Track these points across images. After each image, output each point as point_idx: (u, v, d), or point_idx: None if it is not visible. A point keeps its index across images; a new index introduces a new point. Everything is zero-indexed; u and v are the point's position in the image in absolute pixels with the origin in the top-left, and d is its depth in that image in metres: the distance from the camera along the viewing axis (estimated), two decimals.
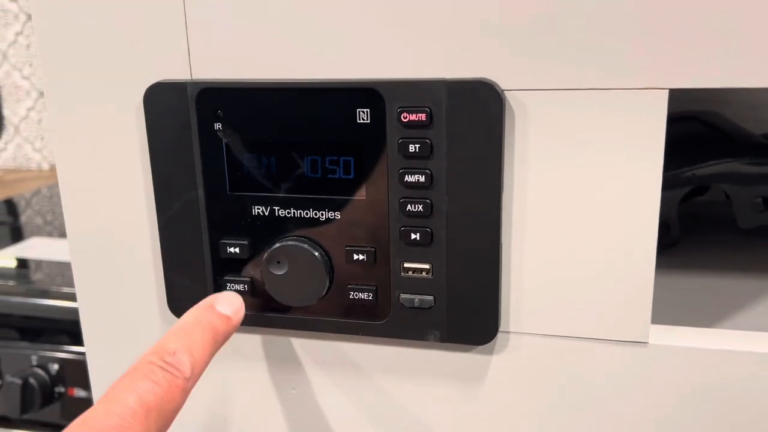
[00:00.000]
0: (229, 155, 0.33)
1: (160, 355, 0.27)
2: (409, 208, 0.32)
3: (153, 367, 0.26)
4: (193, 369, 0.27)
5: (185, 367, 0.27)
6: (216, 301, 0.31)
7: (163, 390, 0.26)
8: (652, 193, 0.30)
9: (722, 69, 0.27)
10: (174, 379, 0.26)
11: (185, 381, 0.27)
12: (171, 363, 0.27)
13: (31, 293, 0.94)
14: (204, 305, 0.31)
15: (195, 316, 0.30)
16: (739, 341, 0.31)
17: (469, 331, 0.33)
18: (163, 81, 0.33)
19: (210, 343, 0.29)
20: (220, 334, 0.30)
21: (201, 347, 0.28)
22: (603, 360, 0.32)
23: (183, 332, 0.29)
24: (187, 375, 0.27)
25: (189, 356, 0.27)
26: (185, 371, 0.27)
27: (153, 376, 0.26)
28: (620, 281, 0.31)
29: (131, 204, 0.36)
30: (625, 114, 0.29)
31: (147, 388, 0.25)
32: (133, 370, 0.26)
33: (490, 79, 0.30)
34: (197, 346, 0.28)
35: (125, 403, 0.25)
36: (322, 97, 0.31)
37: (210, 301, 0.31)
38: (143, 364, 0.27)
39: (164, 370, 0.26)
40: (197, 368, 0.28)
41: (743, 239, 0.48)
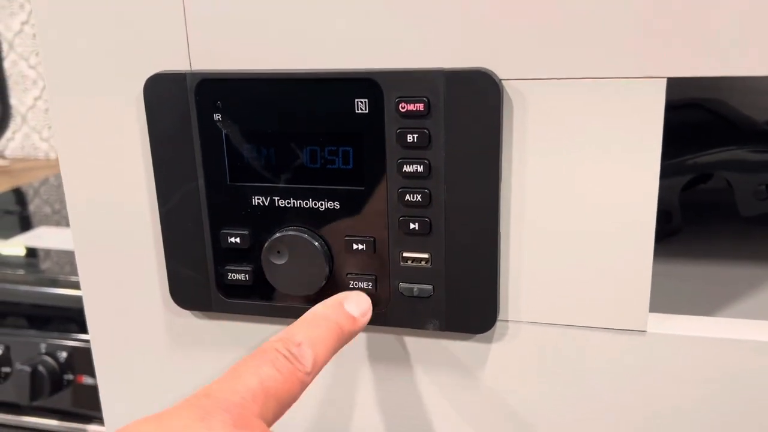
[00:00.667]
0: (229, 146, 0.33)
1: (287, 345, 0.27)
2: (408, 198, 0.32)
3: (278, 355, 0.27)
4: (314, 364, 0.27)
5: (308, 360, 0.27)
6: (346, 299, 0.31)
7: (284, 379, 0.26)
8: (650, 182, 0.30)
9: (720, 57, 0.27)
10: (296, 371, 0.27)
11: (305, 375, 0.27)
12: (295, 354, 0.27)
13: (40, 282, 0.95)
14: (334, 302, 0.31)
15: (324, 311, 0.30)
16: (739, 330, 0.31)
17: (467, 319, 0.33)
18: (162, 72, 0.33)
19: (334, 341, 0.29)
20: (345, 334, 0.30)
21: (325, 344, 0.28)
22: (601, 349, 0.32)
23: (310, 325, 0.29)
24: (308, 369, 0.27)
25: (313, 350, 0.28)
26: (307, 365, 0.27)
27: (277, 364, 0.26)
28: (618, 270, 0.31)
29: (133, 194, 0.36)
30: (623, 103, 0.29)
31: (270, 374, 0.26)
32: (259, 353, 0.27)
33: (488, 69, 0.30)
34: (321, 342, 0.28)
35: (248, 384, 0.25)
36: (321, 88, 0.31)
37: (340, 299, 0.31)
38: (270, 350, 0.27)
39: (288, 360, 0.27)
40: (318, 364, 0.28)
41: (745, 228, 0.48)
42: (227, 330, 0.37)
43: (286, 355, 0.27)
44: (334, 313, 0.30)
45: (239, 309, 0.35)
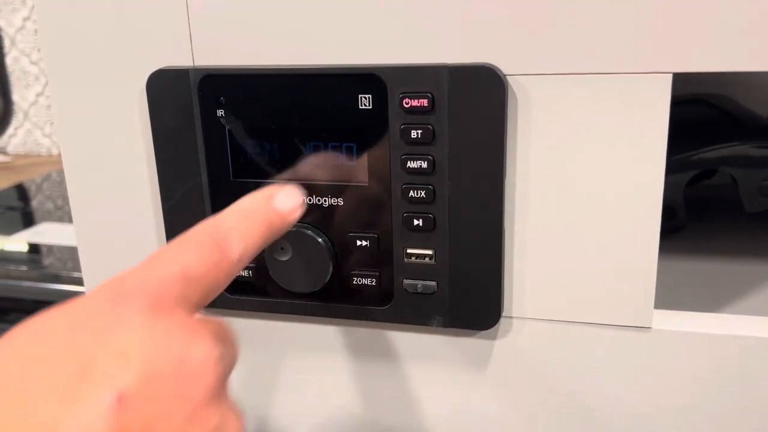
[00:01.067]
0: (232, 142, 0.33)
1: (212, 233, 0.25)
2: (412, 194, 0.32)
3: (204, 242, 0.25)
4: (241, 255, 0.25)
5: (235, 250, 0.25)
6: (275, 194, 0.29)
7: (209, 267, 0.24)
8: (655, 178, 0.29)
9: (726, 52, 0.27)
10: (221, 260, 0.25)
11: (231, 265, 0.25)
12: (221, 243, 0.25)
13: (43, 278, 0.95)
14: (263, 195, 0.29)
15: (252, 204, 0.28)
16: (744, 326, 0.31)
17: (472, 316, 0.33)
18: (165, 68, 0.33)
19: (262, 236, 0.27)
20: (273, 229, 0.28)
21: (252, 236, 0.26)
22: (606, 345, 0.32)
23: (238, 216, 0.27)
24: (234, 259, 0.25)
25: (241, 241, 0.26)
26: (234, 254, 0.25)
27: (202, 251, 0.24)
28: (623, 266, 0.31)
29: (136, 191, 0.36)
30: (628, 98, 0.29)
31: (193, 261, 0.24)
32: (183, 239, 0.25)
33: (492, 64, 0.29)
34: (250, 234, 0.26)
35: (167, 268, 0.23)
36: (324, 83, 0.31)
37: (270, 192, 0.29)
38: (194, 237, 0.25)
39: (213, 248, 0.25)
40: (245, 255, 0.26)
41: (749, 224, 0.48)
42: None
43: (212, 243, 0.25)
44: (263, 206, 0.28)
45: (243, 306, 0.35)
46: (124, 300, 0.22)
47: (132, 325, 0.21)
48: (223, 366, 0.23)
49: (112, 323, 0.21)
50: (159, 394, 0.20)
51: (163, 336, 0.21)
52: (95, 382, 0.19)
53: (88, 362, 0.20)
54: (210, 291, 0.24)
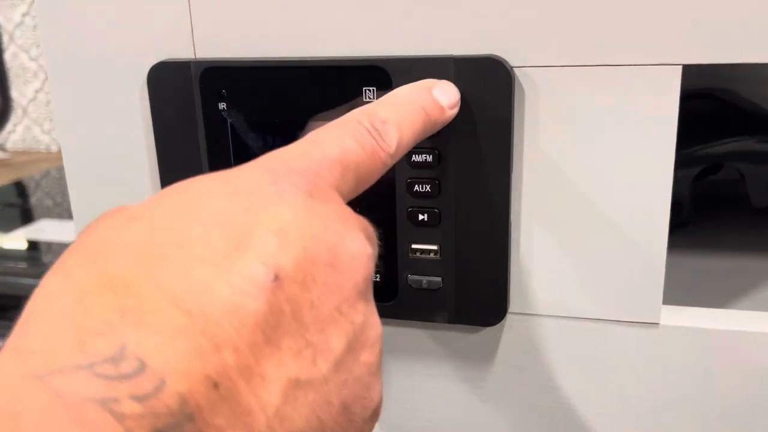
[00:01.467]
0: (234, 135, 0.33)
1: (371, 120, 0.24)
2: (417, 188, 0.31)
3: (361, 128, 0.24)
4: (398, 146, 0.24)
5: (392, 140, 0.24)
6: (435, 86, 0.28)
7: (366, 155, 0.23)
8: (664, 172, 0.29)
9: (735, 44, 0.27)
10: (378, 149, 0.24)
11: (388, 156, 0.24)
12: (380, 131, 0.24)
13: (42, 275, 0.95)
14: (421, 86, 0.28)
15: (411, 94, 0.27)
16: (751, 322, 0.31)
17: (477, 312, 0.32)
18: (166, 60, 0.32)
19: (420, 127, 0.26)
20: (430, 122, 0.27)
21: (410, 127, 0.25)
22: (614, 341, 0.32)
23: (397, 106, 0.26)
24: (392, 150, 0.24)
25: (398, 131, 0.24)
26: (391, 145, 0.24)
27: (360, 137, 0.23)
28: (631, 262, 0.30)
29: (137, 185, 0.35)
30: (637, 91, 0.28)
31: (351, 147, 0.23)
32: (340, 124, 0.24)
33: (499, 56, 0.29)
34: (406, 125, 0.25)
35: (325, 152, 0.22)
36: (328, 75, 0.31)
37: (428, 84, 0.28)
38: (352, 122, 0.24)
39: (371, 136, 0.24)
40: (401, 147, 0.25)
41: (756, 218, 0.47)
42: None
43: (370, 130, 0.24)
44: (423, 97, 0.27)
45: None
46: (285, 178, 0.21)
47: (292, 204, 0.20)
48: (372, 266, 0.22)
49: (273, 199, 0.20)
50: (313, 280, 0.19)
51: (321, 221, 0.20)
52: (253, 255, 0.18)
53: (247, 233, 0.18)
54: (365, 180, 0.23)
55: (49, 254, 1.04)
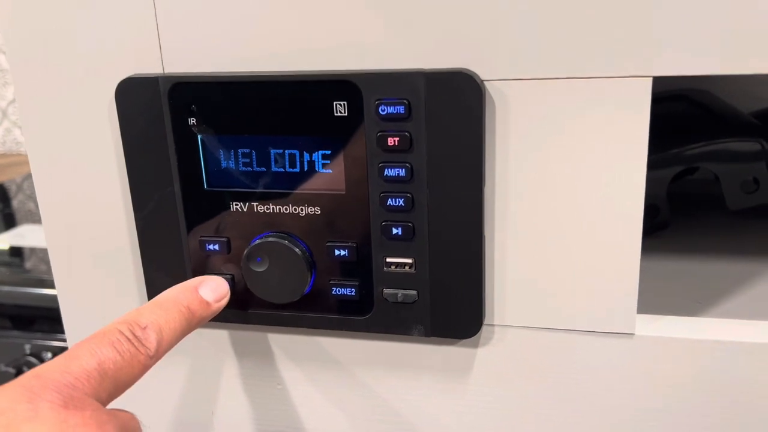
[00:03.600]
0: (205, 150, 0.32)
1: (131, 327, 0.27)
2: (390, 202, 0.31)
3: (121, 337, 0.26)
4: (158, 348, 0.27)
5: (152, 344, 0.27)
6: (201, 284, 0.31)
7: (125, 361, 0.26)
8: (636, 183, 0.29)
9: (704, 55, 0.27)
10: (137, 354, 0.26)
11: (148, 358, 0.27)
12: (139, 338, 0.27)
13: (24, 282, 0.94)
14: (188, 286, 0.31)
15: (176, 294, 0.30)
16: (726, 331, 0.31)
17: (453, 324, 0.32)
18: (134, 76, 0.32)
19: (182, 326, 0.29)
20: (195, 319, 0.30)
21: (172, 328, 0.28)
22: (589, 352, 0.32)
23: (159, 308, 0.28)
24: (151, 353, 0.27)
25: (158, 335, 0.27)
26: (150, 349, 0.27)
27: (118, 346, 0.26)
28: (605, 273, 0.30)
29: (108, 201, 0.35)
30: (608, 103, 0.28)
31: (109, 356, 0.25)
32: (100, 334, 0.26)
33: (470, 69, 0.29)
34: (169, 326, 0.28)
35: (84, 364, 0.25)
36: (298, 90, 0.31)
37: (195, 283, 0.31)
38: (112, 331, 0.26)
39: (131, 343, 0.26)
40: (162, 348, 0.28)
41: (733, 221, 0.47)
42: (207, 337, 0.37)
43: (129, 338, 0.26)
44: (187, 297, 0.30)
45: (219, 317, 0.34)
46: (39, 395, 0.23)
47: (45, 419, 0.22)
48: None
49: (27, 416, 0.22)
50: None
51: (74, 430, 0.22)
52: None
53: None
54: (124, 384, 0.26)
55: (31, 259, 1.03)
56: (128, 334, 0.27)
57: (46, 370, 0.24)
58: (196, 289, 0.31)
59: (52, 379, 0.24)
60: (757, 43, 0.26)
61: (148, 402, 0.39)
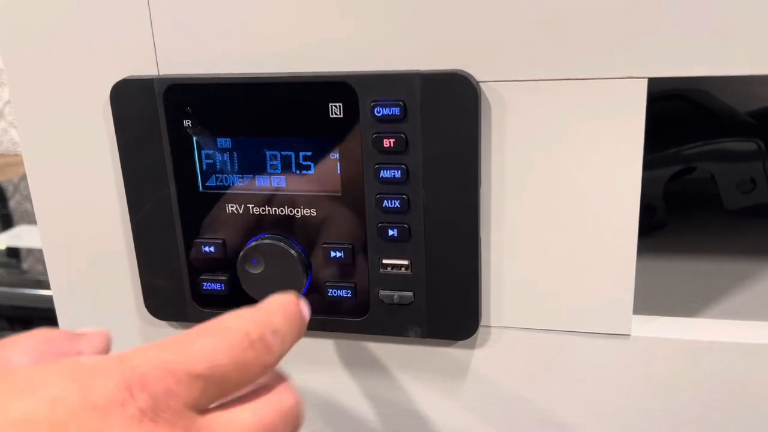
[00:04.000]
0: (200, 152, 0.32)
1: (263, 330, 0.23)
2: (386, 204, 0.31)
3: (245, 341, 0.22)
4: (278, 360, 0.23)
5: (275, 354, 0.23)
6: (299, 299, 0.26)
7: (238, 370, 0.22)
8: (632, 184, 0.29)
9: (700, 56, 0.27)
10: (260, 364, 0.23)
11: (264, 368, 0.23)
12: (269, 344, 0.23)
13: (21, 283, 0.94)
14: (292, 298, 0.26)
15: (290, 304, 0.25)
16: (723, 331, 0.31)
17: (450, 326, 0.32)
18: (129, 78, 0.32)
19: (296, 336, 0.25)
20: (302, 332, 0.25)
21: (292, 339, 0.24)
22: (586, 353, 0.32)
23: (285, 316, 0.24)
24: (273, 362, 0.23)
25: (281, 345, 0.23)
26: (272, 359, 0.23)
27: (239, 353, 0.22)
28: (601, 274, 0.30)
29: (103, 204, 0.35)
30: (603, 104, 0.28)
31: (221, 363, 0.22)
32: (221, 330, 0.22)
33: (465, 71, 0.29)
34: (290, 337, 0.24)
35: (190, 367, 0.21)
36: (293, 92, 0.30)
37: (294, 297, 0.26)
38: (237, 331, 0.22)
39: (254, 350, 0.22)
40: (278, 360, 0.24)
41: (730, 220, 0.47)
42: None
43: (255, 342, 0.22)
44: (295, 305, 0.25)
45: None
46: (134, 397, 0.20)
47: None
48: None
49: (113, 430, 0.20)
50: None
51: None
52: None
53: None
54: (230, 392, 0.22)
55: (28, 260, 1.03)
56: (255, 338, 0.22)
57: (150, 365, 0.21)
58: (298, 303, 0.26)
59: (152, 378, 0.20)
60: (752, 44, 0.26)
61: None
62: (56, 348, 0.24)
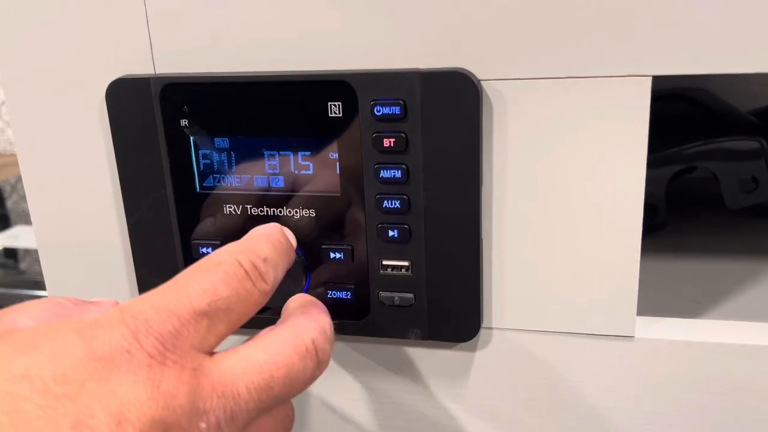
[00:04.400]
0: (197, 152, 0.32)
1: (252, 259, 0.24)
2: (386, 204, 0.30)
3: (239, 270, 0.23)
4: (273, 285, 0.24)
5: (270, 279, 0.24)
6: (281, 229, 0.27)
7: (240, 300, 0.23)
8: (636, 183, 0.29)
9: (704, 54, 0.26)
10: (254, 291, 0.23)
11: (263, 295, 0.24)
12: (261, 271, 0.24)
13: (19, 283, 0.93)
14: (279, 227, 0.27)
15: (268, 232, 0.26)
16: (726, 333, 0.31)
17: (451, 328, 0.32)
18: (125, 76, 0.31)
19: (286, 262, 0.26)
20: (290, 257, 0.27)
21: (282, 268, 0.25)
22: (589, 355, 0.31)
23: (272, 244, 0.25)
24: (267, 289, 0.24)
25: (274, 270, 0.24)
26: (268, 284, 0.24)
27: (235, 283, 0.23)
28: (604, 275, 0.30)
29: (99, 204, 0.34)
30: (607, 103, 0.28)
31: (223, 295, 0.22)
32: (215, 264, 0.23)
33: (466, 69, 0.28)
34: (281, 265, 0.25)
35: (193, 305, 0.21)
36: (292, 90, 0.30)
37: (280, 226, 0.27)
38: (230, 263, 0.23)
39: (249, 278, 0.23)
40: (274, 287, 0.24)
41: (732, 220, 0.47)
42: None
43: (249, 271, 0.23)
44: (279, 234, 0.27)
45: None
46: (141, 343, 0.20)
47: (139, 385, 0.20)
48: None
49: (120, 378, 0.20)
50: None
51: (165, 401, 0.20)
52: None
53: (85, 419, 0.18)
54: (236, 323, 0.23)
55: (25, 261, 1.02)
56: (248, 266, 0.23)
57: (153, 309, 0.21)
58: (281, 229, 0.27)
59: (157, 321, 0.21)
60: (755, 42, 0.26)
61: None
62: (65, 313, 0.24)
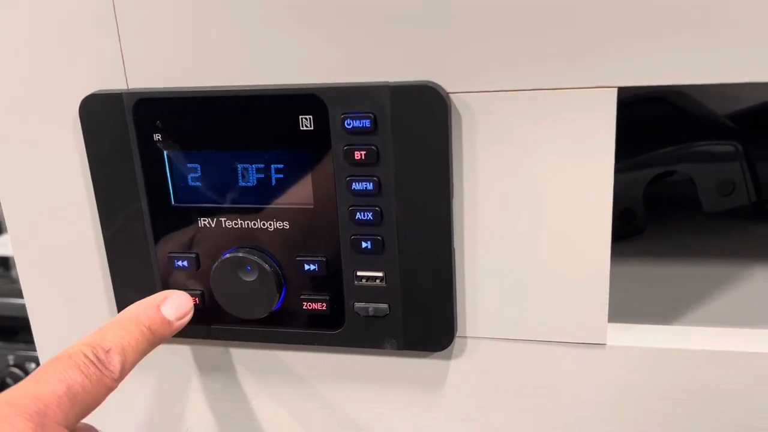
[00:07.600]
0: (171, 166, 0.32)
1: (95, 350, 0.27)
2: (359, 216, 0.31)
3: (86, 360, 0.27)
4: (122, 370, 0.27)
5: (116, 367, 0.27)
6: (164, 302, 0.31)
7: (92, 385, 0.26)
8: (603, 192, 0.29)
9: (669, 65, 0.26)
10: (103, 378, 0.27)
11: (113, 381, 0.27)
12: (103, 361, 0.27)
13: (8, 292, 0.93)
14: (150, 304, 0.30)
15: (137, 313, 0.30)
16: (698, 339, 0.31)
17: (425, 337, 0.32)
18: (98, 92, 0.32)
19: (144, 346, 0.29)
20: (156, 337, 0.30)
21: (135, 348, 0.28)
22: (561, 363, 0.32)
23: (121, 329, 0.29)
24: (116, 376, 0.27)
25: (121, 357, 0.28)
26: (115, 372, 0.27)
27: (85, 369, 0.26)
28: (575, 283, 0.30)
29: (76, 217, 0.34)
30: (574, 113, 0.28)
31: (77, 380, 0.26)
32: (66, 356, 0.26)
33: (435, 82, 0.28)
34: (131, 347, 0.28)
35: (54, 389, 0.25)
36: (264, 104, 0.30)
37: (158, 300, 0.31)
38: (77, 354, 0.27)
39: (96, 367, 0.27)
40: (126, 369, 0.28)
41: (710, 223, 0.47)
42: (179, 353, 0.36)
43: (94, 361, 0.27)
44: (149, 315, 0.30)
45: (190, 333, 0.34)
46: (11, 424, 0.23)
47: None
48: None
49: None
50: None
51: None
52: None
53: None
54: (90, 407, 0.26)
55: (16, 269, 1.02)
56: (93, 358, 0.27)
57: (17, 397, 0.24)
58: (158, 307, 0.30)
59: (23, 405, 0.24)
60: (717, 53, 0.26)
61: (117, 420, 0.38)
62: None
